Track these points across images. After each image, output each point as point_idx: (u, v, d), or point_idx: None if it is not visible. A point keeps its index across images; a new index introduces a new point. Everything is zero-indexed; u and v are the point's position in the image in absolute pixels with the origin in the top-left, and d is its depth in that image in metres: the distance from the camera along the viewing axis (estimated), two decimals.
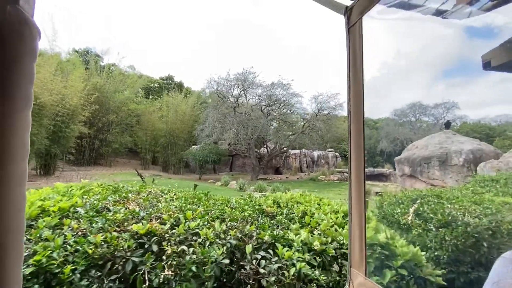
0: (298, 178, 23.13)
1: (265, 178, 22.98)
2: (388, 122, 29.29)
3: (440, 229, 2.09)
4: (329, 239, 1.69)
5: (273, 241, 1.61)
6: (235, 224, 1.68)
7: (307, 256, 1.56)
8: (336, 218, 1.97)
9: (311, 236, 1.72)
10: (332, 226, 1.88)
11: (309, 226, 1.91)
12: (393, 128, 27.07)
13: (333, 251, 1.61)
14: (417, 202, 2.54)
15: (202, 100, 23.18)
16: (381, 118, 34.91)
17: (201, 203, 2.09)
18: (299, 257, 1.53)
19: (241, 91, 19.82)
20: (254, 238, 1.61)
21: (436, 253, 2.04)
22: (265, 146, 24.98)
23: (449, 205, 2.29)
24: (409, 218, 2.33)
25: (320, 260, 1.58)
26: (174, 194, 2.38)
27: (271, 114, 20.20)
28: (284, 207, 2.25)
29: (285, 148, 23.06)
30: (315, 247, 1.59)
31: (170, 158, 22.25)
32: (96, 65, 20.75)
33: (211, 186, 16.03)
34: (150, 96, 29.38)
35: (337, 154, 30.69)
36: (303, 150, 28.97)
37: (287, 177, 24.28)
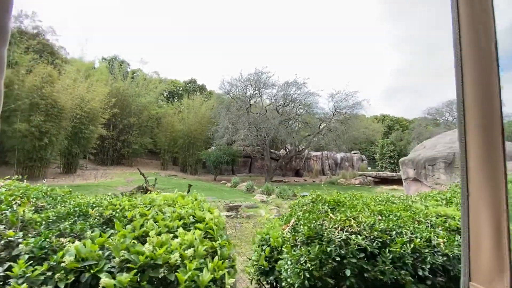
0: (313, 181, 22.12)
1: (281, 180, 22.33)
2: (421, 122, 26.64)
3: (302, 247, 1.51)
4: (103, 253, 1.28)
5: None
6: None
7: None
8: (158, 227, 1.53)
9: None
10: (136, 238, 1.45)
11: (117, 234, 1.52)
12: (424, 129, 24.50)
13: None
14: (303, 208, 1.94)
15: (220, 102, 23.30)
16: (417, 118, 32.01)
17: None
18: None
19: (254, 91, 19.51)
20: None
21: (289, 281, 1.46)
22: (284, 147, 24.35)
23: (331, 215, 1.69)
24: (286, 229, 1.78)
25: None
26: None
27: (284, 114, 19.55)
28: (124, 210, 1.87)
29: (301, 149, 22.20)
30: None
31: (188, 159, 22.72)
32: (120, 71, 22.03)
33: (218, 187, 15.93)
34: (175, 99, 30.49)
35: (363, 156, 28.78)
36: (326, 152, 27.69)
37: (305, 180, 23.33)
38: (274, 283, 2.36)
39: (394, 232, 1.52)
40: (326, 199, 2.07)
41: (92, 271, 1.24)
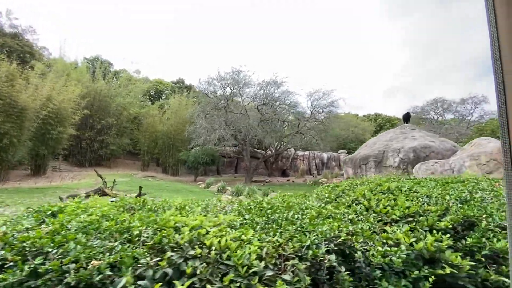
0: (293, 181, 21.71)
1: (263, 180, 21.95)
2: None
3: None
4: None
5: None
6: None
7: None
8: None
9: None
10: None
11: None
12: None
13: None
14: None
15: (199, 101, 22.98)
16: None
17: None
18: None
19: (232, 90, 19.16)
20: None
21: None
22: (269, 147, 23.98)
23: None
24: None
25: None
26: None
27: (263, 114, 19.16)
28: None
29: (280, 149, 21.84)
30: None
31: (168, 160, 22.43)
32: (100, 71, 21.79)
33: (189, 188, 15.57)
34: (162, 99, 30.21)
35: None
36: (312, 151, 27.27)
37: (288, 180, 22.91)
38: None
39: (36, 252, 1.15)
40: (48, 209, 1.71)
41: None
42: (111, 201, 2.24)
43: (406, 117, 9.71)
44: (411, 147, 6.46)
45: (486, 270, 1.47)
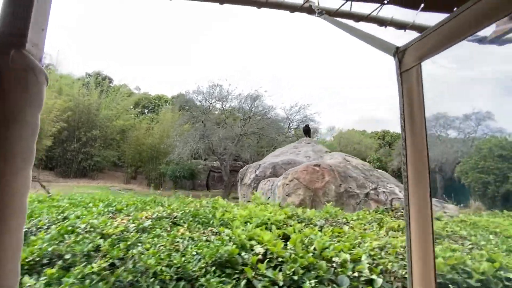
0: None
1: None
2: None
3: None
4: None
5: None
6: None
7: None
8: None
9: None
10: None
11: None
12: None
13: None
14: None
15: (181, 114, 22.97)
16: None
17: None
18: None
19: (209, 104, 18.90)
20: None
21: None
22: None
23: None
24: None
25: None
26: None
27: (243, 128, 18.55)
28: None
29: None
30: None
31: (151, 173, 22.37)
32: (93, 85, 22.79)
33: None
34: (158, 114, 30.85)
35: None
36: None
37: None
38: None
39: None
40: None
41: None
42: None
43: (306, 130, 8.59)
44: (272, 162, 5.49)
45: None
